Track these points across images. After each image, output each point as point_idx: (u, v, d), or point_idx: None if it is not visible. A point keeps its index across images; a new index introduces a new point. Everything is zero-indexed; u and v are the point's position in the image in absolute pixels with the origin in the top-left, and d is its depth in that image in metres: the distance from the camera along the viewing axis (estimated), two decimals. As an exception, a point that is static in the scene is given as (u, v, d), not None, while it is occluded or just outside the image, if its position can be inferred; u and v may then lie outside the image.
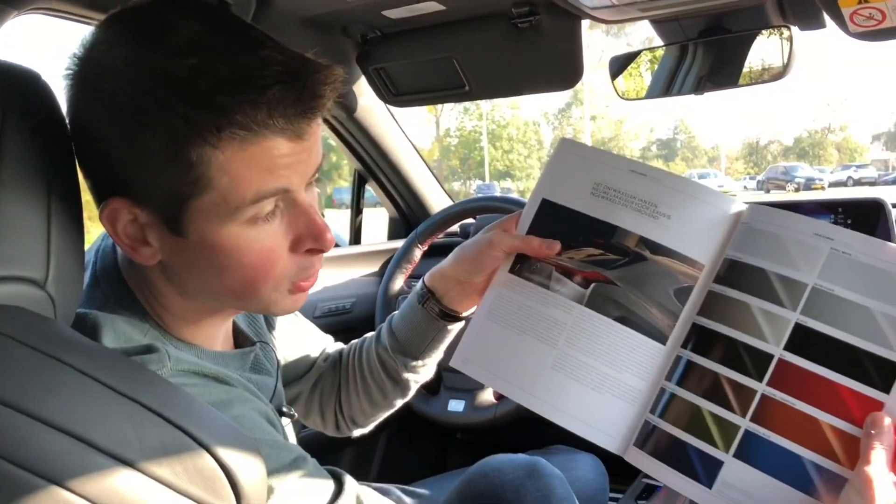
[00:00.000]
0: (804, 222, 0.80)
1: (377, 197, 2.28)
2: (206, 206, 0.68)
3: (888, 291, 0.74)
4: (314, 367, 1.14)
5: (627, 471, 1.62)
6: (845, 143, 48.30)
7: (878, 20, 0.98)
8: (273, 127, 0.67)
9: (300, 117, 0.68)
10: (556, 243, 0.89)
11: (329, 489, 0.75)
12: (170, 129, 0.65)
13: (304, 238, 0.74)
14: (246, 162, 0.67)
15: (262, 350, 0.93)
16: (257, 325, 0.98)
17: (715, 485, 0.76)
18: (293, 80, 0.67)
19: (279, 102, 0.66)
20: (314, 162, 0.73)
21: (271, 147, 0.68)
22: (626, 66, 1.51)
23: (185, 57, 0.65)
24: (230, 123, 0.65)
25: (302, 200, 0.73)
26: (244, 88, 0.65)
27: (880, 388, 0.73)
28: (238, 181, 0.67)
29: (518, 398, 0.87)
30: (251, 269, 0.72)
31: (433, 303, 1.01)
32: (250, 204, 0.69)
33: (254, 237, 0.71)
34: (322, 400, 1.14)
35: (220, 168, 0.66)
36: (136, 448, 0.59)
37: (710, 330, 0.81)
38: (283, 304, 0.78)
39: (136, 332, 0.73)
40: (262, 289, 0.74)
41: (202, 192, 0.68)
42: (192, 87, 0.65)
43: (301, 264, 0.76)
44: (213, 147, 0.66)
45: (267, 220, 0.71)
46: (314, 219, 0.74)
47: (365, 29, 1.48)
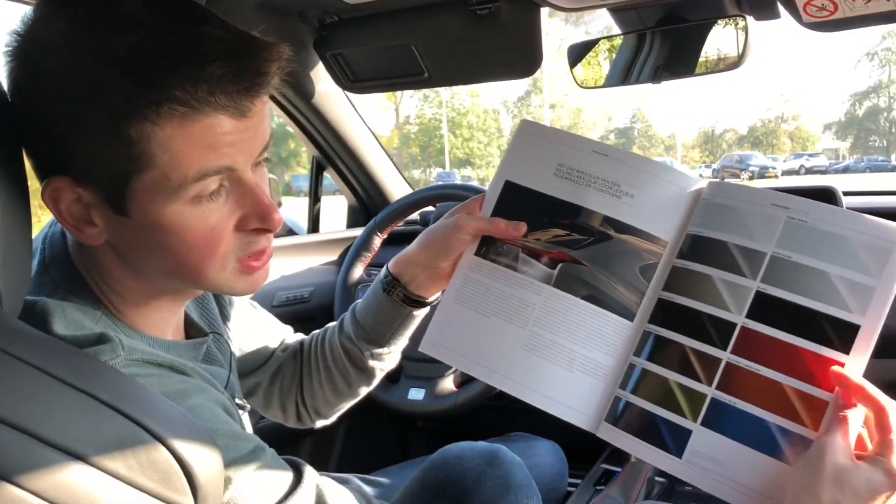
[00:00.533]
0: (761, 194, 0.82)
1: (336, 185, 2.26)
2: (149, 184, 0.67)
3: (843, 255, 0.76)
4: (273, 358, 1.13)
5: (586, 457, 1.65)
6: (798, 133, 49.33)
7: (830, 11, 1.00)
8: (214, 104, 0.66)
9: (242, 94, 0.67)
10: (523, 225, 0.89)
11: (288, 479, 0.74)
12: (109, 105, 0.64)
13: (251, 217, 0.73)
14: (187, 139, 0.66)
15: (214, 341, 0.91)
16: (210, 315, 0.96)
17: (685, 454, 0.78)
18: (235, 56, 0.67)
19: (220, 79, 0.65)
20: (261, 141, 0.72)
21: (213, 124, 0.67)
22: (584, 55, 1.51)
23: (124, 33, 0.65)
24: (170, 99, 0.64)
25: (248, 180, 0.72)
26: (184, 64, 0.65)
27: (840, 350, 0.75)
28: (180, 159, 0.66)
29: (489, 380, 0.88)
30: (195, 247, 0.71)
31: (399, 289, 1.00)
32: (193, 182, 0.68)
33: (197, 216, 0.70)
34: (282, 391, 1.13)
35: (160, 145, 0.66)
36: (88, 442, 0.58)
37: (675, 304, 0.83)
38: (239, 284, 0.77)
39: (87, 320, 0.71)
40: (208, 268, 0.73)
41: (143, 169, 0.67)
42: (132, 63, 0.64)
43: (246, 240, 0.75)
44: (153, 123, 0.65)
45: (211, 198, 0.70)
46: (261, 198, 0.73)
47: (322, 14, 1.46)
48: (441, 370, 1.76)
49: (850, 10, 0.99)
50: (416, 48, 1.46)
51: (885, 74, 46.83)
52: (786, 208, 0.80)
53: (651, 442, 0.80)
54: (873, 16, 0.99)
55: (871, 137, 47.58)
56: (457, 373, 1.77)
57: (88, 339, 0.68)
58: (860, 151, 45.76)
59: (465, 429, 1.73)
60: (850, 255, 0.76)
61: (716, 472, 0.77)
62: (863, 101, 47.84)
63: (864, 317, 0.75)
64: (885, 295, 0.75)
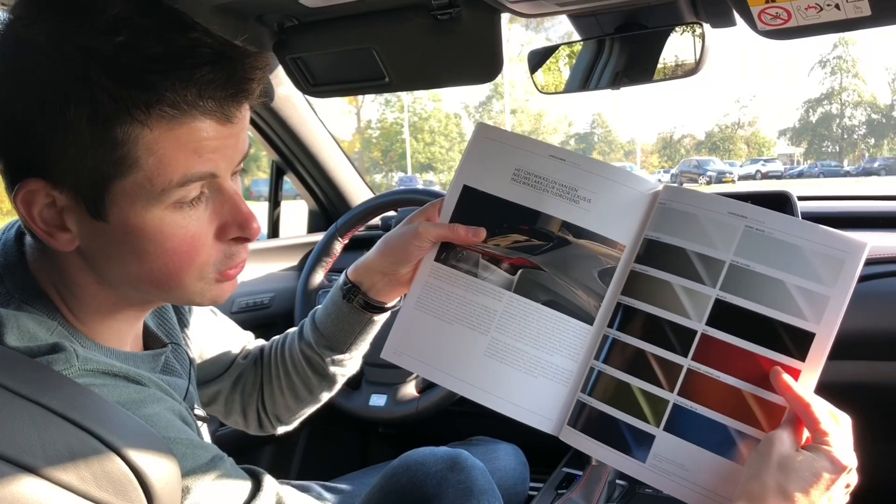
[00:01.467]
0: (718, 202, 0.84)
1: (296, 189, 2.24)
2: (131, 187, 0.66)
3: (799, 265, 0.79)
4: (233, 365, 1.11)
5: (548, 460, 1.66)
6: (754, 138, 50.23)
7: (784, 19, 1.02)
8: (202, 108, 0.66)
9: (230, 100, 0.68)
10: (482, 230, 0.90)
11: (246, 489, 0.73)
12: (95, 105, 0.63)
13: (230, 226, 0.73)
14: (174, 142, 0.66)
15: (173, 352, 0.90)
16: (168, 325, 0.95)
17: (648, 458, 0.80)
18: (223, 62, 0.67)
19: (210, 83, 0.66)
20: (241, 149, 0.73)
21: (200, 129, 0.67)
22: (544, 61, 1.52)
23: (111, 34, 0.64)
24: (160, 101, 0.64)
25: (228, 187, 0.72)
26: (174, 67, 0.64)
27: (796, 357, 0.77)
28: (165, 162, 0.66)
29: (452, 386, 0.88)
30: (174, 255, 0.70)
31: (360, 296, 1.00)
32: (176, 187, 0.67)
33: (178, 222, 0.69)
34: (243, 398, 1.12)
35: (147, 147, 0.65)
36: (39, 453, 0.56)
37: (635, 308, 0.84)
38: (210, 293, 0.76)
39: (41, 330, 0.69)
40: (185, 277, 0.72)
41: (127, 172, 0.66)
42: (120, 63, 0.63)
43: (226, 252, 0.74)
44: (142, 125, 0.64)
45: (192, 205, 0.70)
46: (240, 206, 0.73)
47: (281, 17, 1.44)
48: (402, 376, 1.75)
49: (804, 19, 1.01)
50: (377, 52, 1.45)
51: (837, 82, 47.95)
52: (743, 217, 0.82)
53: (614, 446, 0.81)
54: (825, 24, 1.01)
55: (825, 143, 48.65)
56: (418, 378, 1.76)
57: (41, 350, 0.66)
58: (814, 157, 46.77)
59: (426, 434, 1.73)
60: (805, 264, 0.78)
61: (677, 475, 0.79)
62: (816, 107, 48.89)
63: (819, 325, 0.77)
64: (839, 303, 0.77)
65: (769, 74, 75.30)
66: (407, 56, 1.47)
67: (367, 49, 1.45)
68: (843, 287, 0.77)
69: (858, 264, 0.78)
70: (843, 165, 40.36)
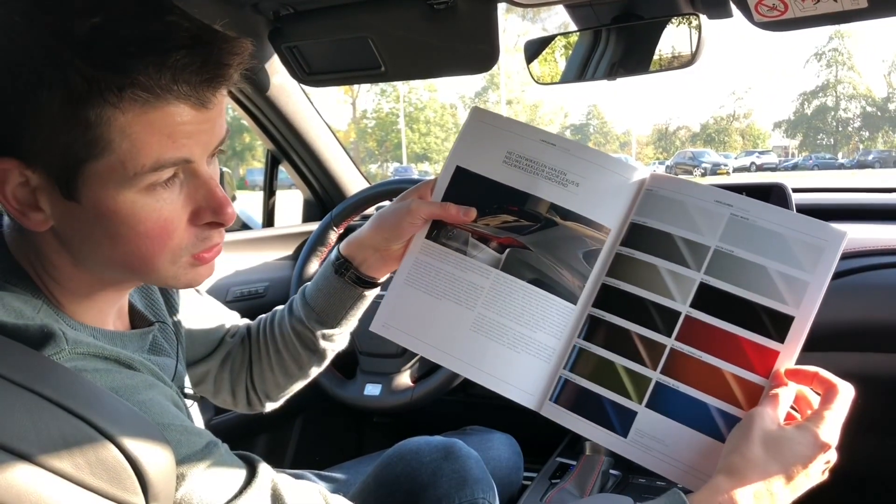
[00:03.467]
0: (705, 190, 0.87)
1: (291, 179, 2.24)
2: (103, 170, 0.66)
3: (781, 252, 0.82)
4: (221, 344, 1.12)
5: (542, 450, 1.66)
6: (749, 130, 50.28)
7: (780, 11, 1.02)
8: (177, 92, 0.65)
9: (205, 85, 0.67)
10: (473, 210, 0.92)
11: (242, 475, 0.73)
12: (68, 87, 0.63)
13: (204, 210, 0.73)
14: (147, 126, 0.65)
15: (160, 331, 0.90)
16: (156, 305, 0.95)
17: (630, 434, 0.83)
18: (199, 46, 0.66)
19: (184, 68, 0.65)
20: (217, 134, 0.72)
21: (174, 113, 0.66)
22: (541, 51, 1.52)
23: (86, 15, 0.63)
24: (132, 84, 0.63)
25: (203, 172, 0.72)
26: (149, 50, 0.64)
27: (776, 339, 0.81)
28: (138, 146, 0.66)
29: (438, 359, 0.90)
30: (146, 238, 0.70)
31: (352, 271, 1.01)
32: (149, 171, 0.67)
33: (151, 205, 0.69)
34: (232, 377, 1.12)
35: (120, 130, 0.65)
36: (33, 441, 0.56)
37: (620, 290, 0.87)
38: (186, 277, 0.76)
39: (27, 309, 0.69)
40: (158, 261, 0.72)
41: (100, 155, 0.65)
42: (94, 45, 0.63)
43: (199, 236, 0.74)
44: (114, 107, 0.64)
45: (166, 186, 0.70)
46: (214, 191, 0.72)
47: (277, 5, 1.44)
48: (397, 365, 1.75)
49: (800, 11, 1.01)
50: (373, 42, 1.45)
51: (833, 74, 48.00)
52: (729, 205, 0.85)
53: (596, 421, 0.84)
54: (822, 16, 1.02)
55: (820, 136, 48.72)
56: (413, 368, 1.77)
57: (31, 331, 0.66)
58: (809, 149, 46.85)
59: (421, 423, 1.73)
60: (787, 251, 0.82)
61: (658, 450, 0.82)
62: (811, 100, 48.95)
63: (798, 309, 0.81)
64: (817, 289, 0.81)
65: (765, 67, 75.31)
66: (402, 45, 1.47)
67: (363, 38, 1.45)
68: (822, 273, 0.81)
69: (837, 252, 0.81)
70: (838, 158, 40.45)
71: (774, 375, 0.80)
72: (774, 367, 0.80)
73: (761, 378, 0.81)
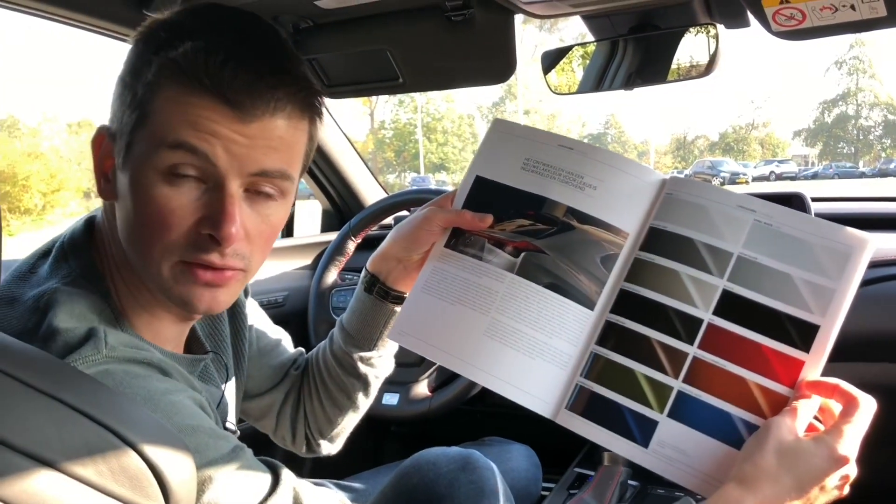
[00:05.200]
0: (727, 195, 0.85)
1: (310, 189, 2.25)
2: (143, 137, 0.72)
3: (806, 259, 0.80)
4: (286, 377, 1.13)
5: (560, 461, 1.66)
6: (768, 139, 49.95)
7: (798, 20, 1.01)
8: (214, 88, 0.70)
9: (242, 89, 0.71)
10: (489, 216, 0.91)
11: (266, 481, 0.74)
12: (137, 62, 0.74)
13: (206, 220, 0.73)
14: (178, 107, 0.71)
15: (214, 361, 0.92)
16: (219, 335, 0.97)
17: (651, 444, 0.80)
18: (249, 51, 0.72)
19: (224, 63, 0.70)
20: (257, 159, 0.73)
21: (205, 105, 0.71)
22: (558, 61, 1.52)
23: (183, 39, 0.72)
24: (174, 63, 0.71)
25: (229, 189, 0.73)
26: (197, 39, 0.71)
27: (800, 348, 0.79)
28: (168, 121, 0.71)
29: (452, 366, 0.88)
30: (150, 221, 0.73)
31: (378, 285, 1.02)
32: (168, 148, 0.71)
33: (164, 192, 0.72)
34: (293, 412, 1.14)
35: (160, 105, 0.71)
36: (57, 448, 0.57)
37: (639, 295, 0.85)
38: (179, 287, 0.76)
39: (90, 312, 0.73)
40: (153, 250, 0.74)
41: (144, 123, 0.72)
42: (169, 40, 0.73)
43: (195, 243, 0.74)
44: (156, 81, 0.72)
45: (186, 181, 0.72)
46: (226, 207, 0.73)
47: (296, 18, 1.45)
48: (415, 375, 1.76)
49: (818, 20, 1.01)
50: (391, 53, 1.46)
51: (854, 82, 47.62)
52: (752, 211, 0.83)
53: (616, 431, 0.82)
54: (841, 25, 1.01)
55: (840, 144, 48.34)
56: (431, 378, 1.77)
57: (74, 333, 0.69)
58: (829, 158, 46.47)
59: (438, 434, 1.73)
60: (812, 258, 0.80)
61: (680, 461, 0.79)
62: (832, 108, 48.58)
63: (824, 317, 0.78)
64: (843, 296, 0.78)
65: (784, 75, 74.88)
66: (421, 57, 1.48)
67: (382, 50, 1.46)
68: (848, 280, 0.79)
69: (863, 258, 0.79)
70: (859, 167, 40.08)
71: (798, 386, 0.78)
72: (800, 376, 0.78)
73: (786, 388, 0.78)
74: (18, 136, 31.98)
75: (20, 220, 20.17)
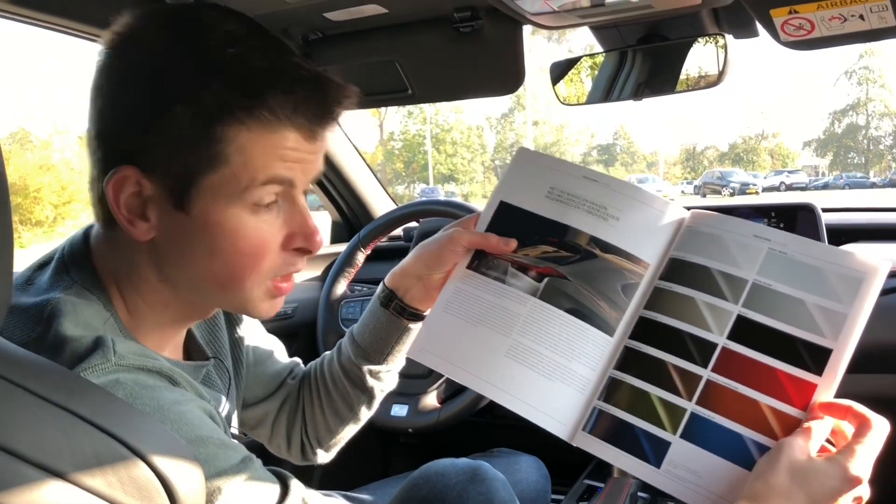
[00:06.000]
0: (744, 225, 0.87)
1: (319, 200, 2.26)
2: (217, 182, 0.72)
3: (819, 285, 0.82)
4: (282, 386, 1.13)
5: (569, 472, 1.65)
6: (778, 150, 49.83)
7: (807, 30, 1.02)
8: (295, 121, 0.73)
9: (318, 119, 0.75)
10: (513, 241, 0.93)
11: (275, 492, 0.74)
12: (201, 104, 0.70)
13: (296, 236, 0.78)
14: (265, 145, 0.72)
15: (215, 366, 0.93)
16: (218, 341, 0.97)
17: (663, 464, 0.81)
18: (319, 84, 0.75)
19: (305, 100, 0.73)
20: (317, 168, 0.79)
21: (289, 138, 0.74)
22: (566, 72, 1.52)
23: (225, 46, 0.72)
24: (261, 106, 0.71)
25: (300, 200, 0.78)
26: (278, 80, 0.72)
27: (813, 371, 0.80)
28: (253, 162, 0.72)
29: (472, 385, 0.90)
30: (243, 255, 0.75)
31: (396, 301, 1.02)
32: (259, 186, 0.73)
33: (253, 224, 0.75)
34: (289, 421, 1.14)
35: (240, 147, 0.72)
36: (66, 458, 0.57)
37: (657, 322, 0.86)
38: (262, 305, 0.81)
39: (96, 320, 0.74)
40: (247, 280, 0.77)
41: (217, 168, 0.72)
42: (230, 70, 0.71)
43: (287, 260, 0.79)
44: (241, 124, 0.71)
45: (268, 210, 0.76)
46: (307, 219, 0.78)
47: (306, 31, 1.46)
48: (424, 386, 1.75)
49: (827, 30, 1.01)
50: (400, 65, 1.46)
51: (864, 92, 47.51)
52: (767, 240, 0.85)
53: (629, 451, 0.83)
54: (850, 35, 1.01)
55: (850, 154, 48.18)
56: (440, 389, 1.76)
57: (83, 342, 0.69)
58: (839, 168, 46.34)
59: (447, 445, 1.73)
60: (825, 284, 0.82)
61: (692, 482, 0.80)
62: (842, 118, 48.45)
63: (837, 341, 0.80)
64: (856, 321, 0.80)
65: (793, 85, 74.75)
66: (430, 68, 1.48)
67: (390, 61, 1.47)
68: (860, 306, 0.80)
69: (875, 284, 0.80)
70: (870, 177, 39.93)
71: (811, 408, 0.79)
72: (812, 399, 0.79)
73: (799, 411, 0.79)
74: (30, 149, 32.19)
75: (32, 232, 20.28)
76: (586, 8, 1.16)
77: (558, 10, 1.16)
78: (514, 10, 1.16)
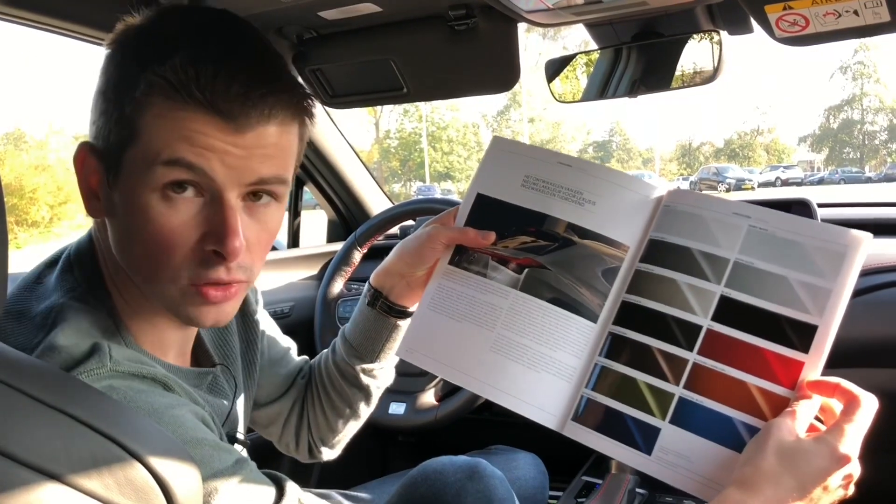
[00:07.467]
0: (722, 203, 0.86)
1: (316, 199, 2.26)
2: (133, 157, 0.71)
3: (801, 260, 0.81)
4: (294, 385, 1.14)
5: (567, 469, 1.65)
6: (773, 145, 49.89)
7: (802, 26, 1.01)
8: (208, 102, 0.68)
9: (239, 106, 0.69)
10: (492, 234, 0.92)
11: (270, 494, 0.74)
12: (126, 69, 0.71)
13: (209, 235, 0.72)
14: (170, 123, 0.69)
15: (222, 372, 0.92)
16: (227, 346, 0.97)
17: (654, 451, 0.81)
18: (238, 62, 0.70)
19: (216, 76, 0.69)
20: (254, 169, 0.72)
21: (197, 120, 0.69)
22: (562, 69, 1.52)
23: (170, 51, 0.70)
24: (168, 79, 0.68)
25: (227, 201, 0.72)
26: (185, 47, 0.70)
27: (800, 349, 0.79)
28: (159, 138, 0.69)
29: (460, 381, 0.90)
30: (152, 242, 0.72)
31: (382, 300, 1.03)
32: (161, 164, 0.69)
33: (161, 210, 0.71)
34: (298, 420, 1.15)
35: (151, 120, 0.69)
36: (63, 461, 0.57)
37: (640, 306, 0.86)
38: (188, 309, 0.76)
39: (94, 328, 0.73)
40: (160, 272, 0.73)
41: (134, 140, 0.70)
42: (157, 40, 0.72)
43: (202, 261, 0.73)
44: (146, 98, 0.69)
45: (182, 197, 0.71)
46: (228, 221, 0.72)
47: (300, 30, 1.46)
48: (422, 384, 1.76)
49: (822, 26, 1.01)
50: (395, 63, 1.46)
51: (859, 87, 47.56)
52: (747, 217, 0.84)
53: (619, 439, 0.83)
54: (844, 31, 1.01)
55: (846, 149, 48.25)
56: (437, 387, 1.77)
57: (78, 349, 0.69)
58: (835, 163, 46.40)
59: (445, 443, 1.73)
60: (807, 260, 0.81)
61: (683, 467, 0.80)
62: (837, 113, 48.54)
63: (822, 317, 0.79)
64: (840, 296, 0.79)
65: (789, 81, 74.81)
66: (425, 66, 1.48)
67: (386, 60, 1.46)
68: (844, 280, 0.79)
69: (857, 257, 0.79)
70: (865, 171, 40.01)
71: (799, 386, 0.78)
72: (800, 377, 0.78)
73: (787, 390, 0.79)
74: (26, 149, 32.11)
75: (28, 233, 20.23)
76: (581, 5, 1.16)
77: (553, 8, 1.16)
78: (508, 7, 1.16)
